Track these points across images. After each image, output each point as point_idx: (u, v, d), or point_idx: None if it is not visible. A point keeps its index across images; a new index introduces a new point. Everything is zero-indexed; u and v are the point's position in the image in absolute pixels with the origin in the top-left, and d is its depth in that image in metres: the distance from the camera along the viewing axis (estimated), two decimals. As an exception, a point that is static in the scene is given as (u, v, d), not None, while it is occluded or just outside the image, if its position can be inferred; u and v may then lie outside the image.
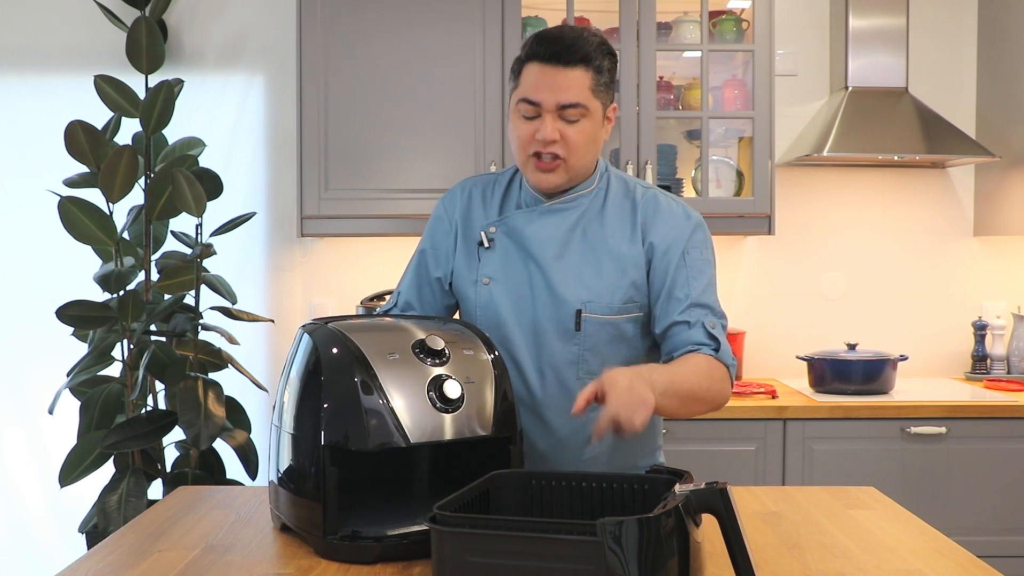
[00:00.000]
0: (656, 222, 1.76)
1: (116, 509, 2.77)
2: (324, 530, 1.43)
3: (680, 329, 1.72)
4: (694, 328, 1.71)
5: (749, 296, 3.55)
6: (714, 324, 1.72)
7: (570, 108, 1.67)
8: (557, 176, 1.72)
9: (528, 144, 1.70)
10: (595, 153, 1.76)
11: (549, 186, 1.74)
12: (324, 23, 3.15)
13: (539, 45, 1.68)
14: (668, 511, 1.16)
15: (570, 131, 1.68)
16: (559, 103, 1.66)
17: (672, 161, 3.32)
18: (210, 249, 2.91)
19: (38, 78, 3.47)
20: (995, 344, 3.49)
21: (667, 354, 1.76)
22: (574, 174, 1.73)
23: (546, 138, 1.67)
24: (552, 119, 1.67)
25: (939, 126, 3.27)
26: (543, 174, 1.72)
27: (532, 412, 1.77)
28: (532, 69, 1.69)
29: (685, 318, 1.71)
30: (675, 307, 1.72)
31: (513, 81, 1.73)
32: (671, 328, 1.73)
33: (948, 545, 1.50)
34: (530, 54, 1.70)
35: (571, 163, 1.71)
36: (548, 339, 1.75)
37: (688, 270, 1.74)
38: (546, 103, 1.67)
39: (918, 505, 2.47)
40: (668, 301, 1.73)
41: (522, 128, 1.70)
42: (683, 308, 1.71)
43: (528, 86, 1.69)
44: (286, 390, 1.55)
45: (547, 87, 1.67)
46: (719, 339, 1.70)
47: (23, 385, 3.46)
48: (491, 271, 1.79)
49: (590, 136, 1.71)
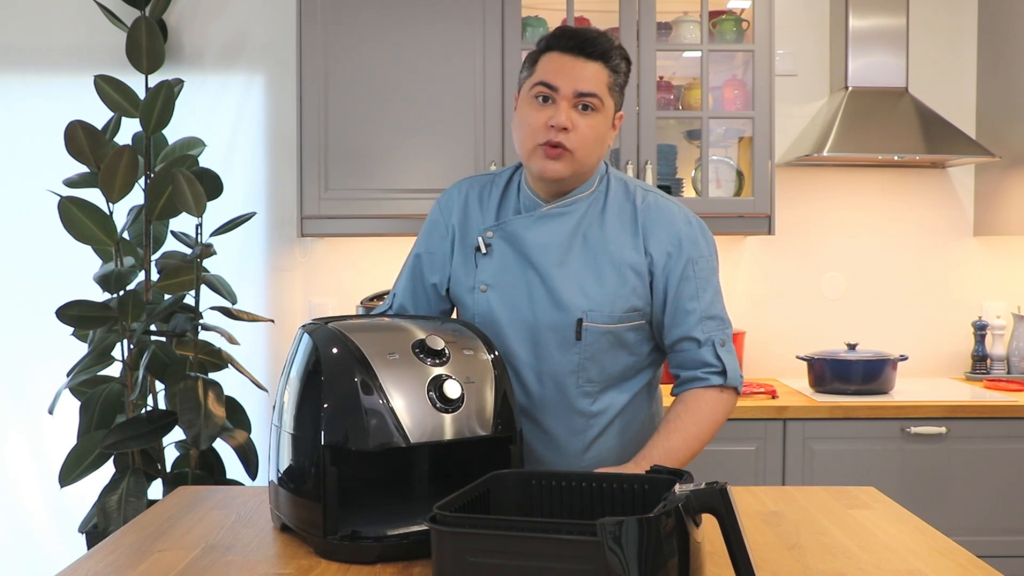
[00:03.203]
0: (658, 228, 1.75)
1: (116, 509, 2.77)
2: (324, 530, 1.43)
3: (690, 346, 1.74)
4: (704, 347, 1.73)
5: (749, 296, 3.55)
6: (723, 341, 1.75)
7: (587, 97, 1.67)
8: (563, 165, 1.69)
9: (539, 131, 1.68)
10: (600, 154, 1.75)
11: (554, 175, 1.70)
12: (324, 23, 3.15)
13: (560, 36, 1.70)
14: (668, 511, 1.16)
15: (582, 123, 1.68)
16: (577, 90, 1.67)
17: (672, 161, 3.32)
18: (210, 249, 2.91)
19: (38, 78, 3.47)
20: (995, 344, 3.49)
21: (674, 369, 1.78)
22: (578, 168, 1.71)
23: (560, 123, 1.66)
24: (567, 107, 1.67)
25: (939, 126, 3.27)
26: (550, 161, 1.69)
27: (531, 419, 1.76)
28: (552, 57, 1.69)
29: (696, 335, 1.73)
30: (684, 321, 1.73)
31: (528, 70, 1.73)
32: (680, 343, 1.75)
33: (948, 545, 1.50)
34: (550, 44, 1.70)
35: (578, 156, 1.69)
36: (547, 347, 1.74)
37: (697, 281, 1.74)
38: (564, 88, 1.67)
39: (918, 505, 2.48)
40: (676, 313, 1.74)
41: (535, 114, 1.69)
42: (694, 323, 1.73)
43: (547, 71, 1.68)
44: (286, 390, 1.55)
45: (566, 74, 1.67)
46: (726, 362, 1.74)
47: (23, 385, 3.46)
48: (488, 277, 1.77)
49: (600, 134, 1.71)
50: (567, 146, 1.68)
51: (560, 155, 1.69)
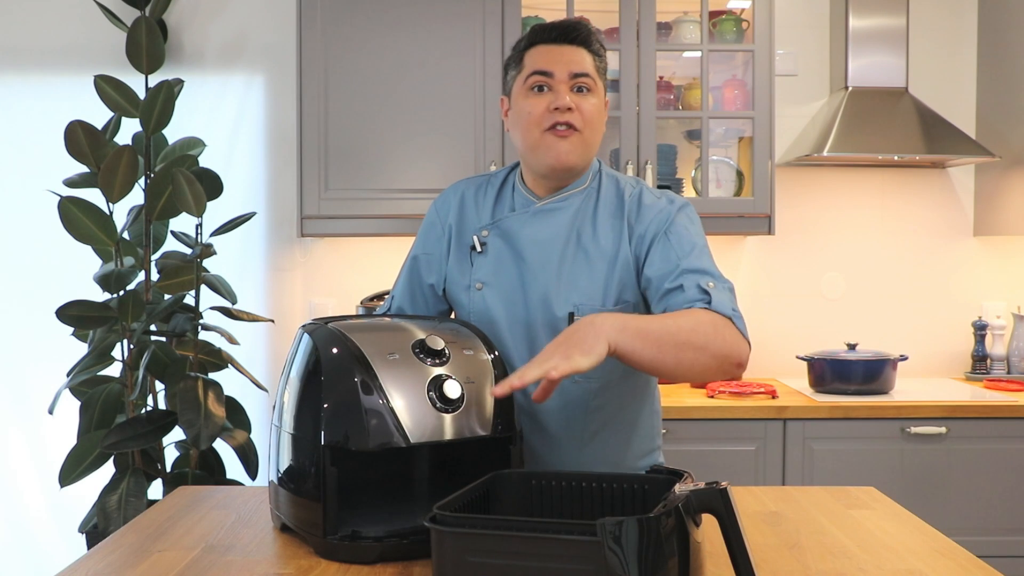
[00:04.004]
0: (641, 215, 1.73)
1: (116, 509, 2.77)
2: (324, 530, 1.43)
3: (674, 295, 1.62)
4: (688, 291, 1.61)
5: (749, 296, 3.55)
6: (711, 283, 1.61)
7: (582, 77, 1.69)
8: (572, 144, 1.69)
9: (542, 118, 1.68)
10: (599, 138, 1.75)
11: (567, 157, 1.69)
12: (324, 23, 3.15)
13: (541, 31, 1.72)
14: (668, 511, 1.16)
15: (583, 102, 1.69)
16: (571, 71, 1.68)
17: (672, 161, 3.32)
18: (210, 249, 2.91)
19: (38, 78, 3.47)
20: (995, 344, 3.49)
21: None
22: (585, 150, 1.71)
23: (563, 104, 1.66)
24: (565, 89, 1.68)
25: (939, 126, 3.27)
26: (561, 141, 1.68)
27: (528, 415, 1.76)
28: (538, 49, 1.71)
29: (677, 283, 1.63)
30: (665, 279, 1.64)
31: (515, 68, 1.73)
32: (664, 298, 1.64)
33: (948, 545, 1.50)
34: (533, 39, 1.72)
35: (585, 135, 1.70)
36: (542, 343, 1.72)
37: (674, 246, 1.67)
38: (559, 72, 1.68)
39: (918, 505, 2.48)
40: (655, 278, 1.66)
41: (534, 103, 1.69)
42: (674, 276, 1.64)
43: (538, 61, 1.70)
44: (286, 390, 1.55)
45: (557, 59, 1.69)
46: (711, 294, 1.59)
47: (23, 385, 3.46)
48: (484, 275, 1.77)
49: (599, 113, 1.72)
50: (575, 125, 1.68)
51: (569, 134, 1.69)
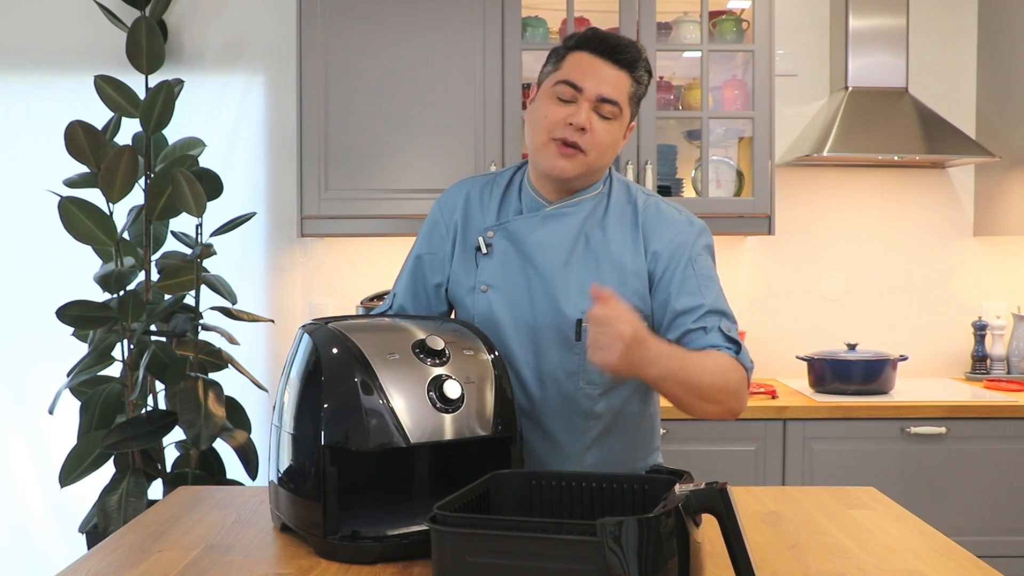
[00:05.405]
0: (659, 230, 1.74)
1: (116, 509, 2.77)
2: (324, 530, 1.43)
3: (696, 335, 1.68)
4: (711, 333, 1.68)
5: (749, 296, 3.55)
6: (730, 328, 1.69)
7: (608, 104, 1.67)
8: (574, 165, 1.69)
9: (555, 127, 1.68)
10: (610, 160, 1.75)
11: (561, 173, 1.70)
12: (324, 23, 3.15)
13: (592, 39, 1.70)
14: (668, 511, 1.16)
15: (600, 127, 1.68)
16: (600, 95, 1.67)
17: (672, 161, 3.32)
18: (210, 249, 2.91)
19: (38, 78, 3.47)
20: (995, 344, 3.49)
21: None
22: (588, 171, 1.71)
23: (579, 123, 1.66)
24: (588, 108, 1.67)
25: (939, 126, 3.27)
26: (561, 159, 1.69)
27: (532, 421, 1.75)
28: (580, 56, 1.69)
29: (701, 324, 1.68)
30: (689, 316, 1.69)
31: (552, 65, 1.73)
32: (686, 336, 1.69)
33: (948, 545, 1.50)
34: (581, 43, 1.70)
35: (590, 159, 1.69)
36: (547, 348, 1.73)
37: (698, 279, 1.72)
38: (588, 90, 1.67)
39: (918, 505, 2.47)
40: (679, 312, 1.70)
41: (554, 110, 1.68)
42: (698, 316, 1.69)
43: (573, 70, 1.69)
44: (286, 390, 1.55)
45: (593, 76, 1.67)
46: (739, 343, 1.67)
47: (23, 385, 3.46)
48: (489, 278, 1.76)
49: (614, 140, 1.71)
50: (582, 147, 1.68)
51: (573, 155, 1.69)
